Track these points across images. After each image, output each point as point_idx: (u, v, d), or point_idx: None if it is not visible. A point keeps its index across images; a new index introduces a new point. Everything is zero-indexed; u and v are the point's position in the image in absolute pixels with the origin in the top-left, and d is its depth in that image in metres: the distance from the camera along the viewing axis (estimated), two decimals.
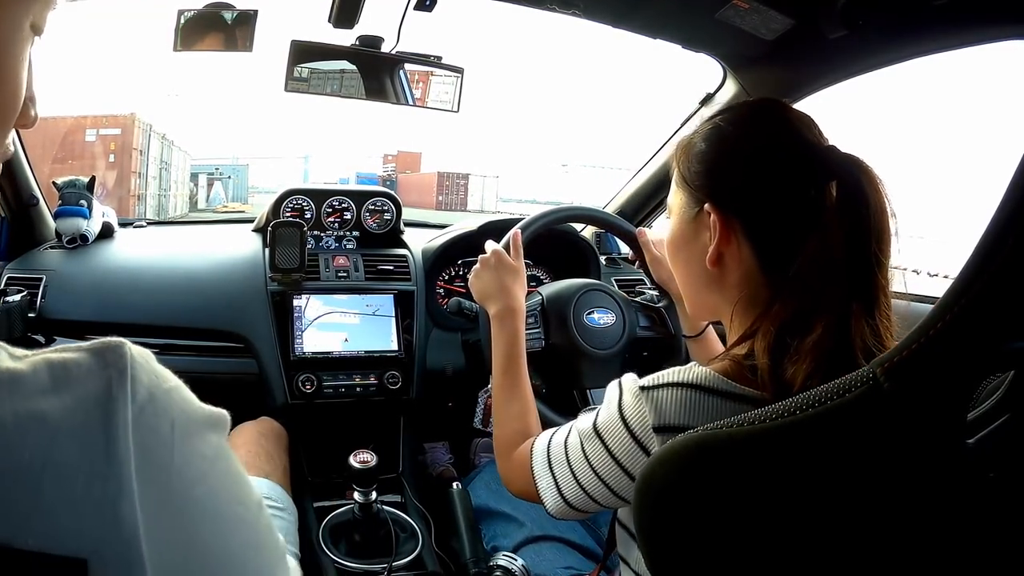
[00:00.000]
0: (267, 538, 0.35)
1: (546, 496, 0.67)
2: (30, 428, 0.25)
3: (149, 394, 0.29)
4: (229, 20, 1.05)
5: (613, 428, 0.59)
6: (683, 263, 0.66)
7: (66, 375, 0.27)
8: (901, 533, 0.38)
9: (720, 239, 0.59)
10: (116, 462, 0.26)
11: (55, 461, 0.25)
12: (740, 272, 0.60)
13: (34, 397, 0.26)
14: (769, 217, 0.57)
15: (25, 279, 1.18)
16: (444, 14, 1.04)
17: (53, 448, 0.26)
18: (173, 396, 0.30)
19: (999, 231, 0.31)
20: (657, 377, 0.57)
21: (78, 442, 0.26)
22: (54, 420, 0.26)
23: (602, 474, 0.61)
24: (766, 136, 0.59)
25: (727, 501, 0.42)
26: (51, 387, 0.27)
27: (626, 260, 1.57)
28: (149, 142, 11.93)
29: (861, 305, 0.53)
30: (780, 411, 0.39)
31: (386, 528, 1.02)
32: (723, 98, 1.24)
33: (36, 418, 0.26)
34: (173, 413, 0.30)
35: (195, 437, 0.31)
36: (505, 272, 0.90)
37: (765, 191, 0.57)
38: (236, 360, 1.22)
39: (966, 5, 0.79)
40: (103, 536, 0.26)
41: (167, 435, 0.29)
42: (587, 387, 1.05)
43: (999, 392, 0.40)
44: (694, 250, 0.63)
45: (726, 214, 0.59)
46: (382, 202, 1.42)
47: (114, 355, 0.29)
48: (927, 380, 0.34)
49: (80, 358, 0.28)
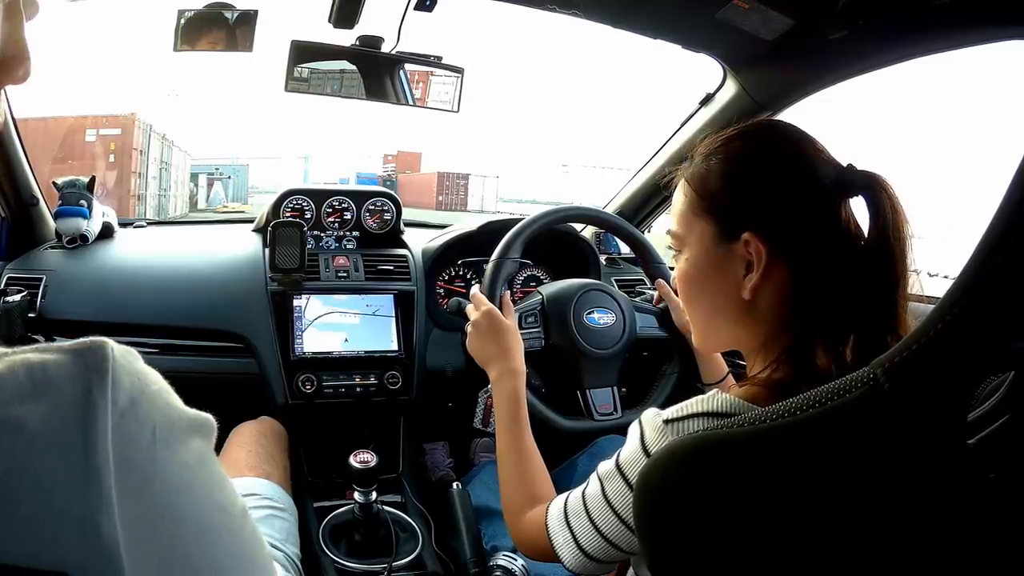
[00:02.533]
0: (253, 546, 0.34)
1: (563, 552, 0.64)
2: (6, 436, 0.24)
3: (130, 399, 0.28)
4: (229, 20, 1.04)
5: (637, 464, 0.58)
6: (708, 296, 0.62)
7: (45, 378, 0.26)
8: (902, 533, 0.37)
9: (765, 269, 0.56)
10: (95, 473, 0.25)
11: (33, 472, 0.25)
12: (775, 301, 0.57)
13: (12, 403, 0.25)
14: (808, 243, 0.55)
15: (25, 279, 1.18)
16: (444, 14, 1.04)
17: (31, 458, 0.25)
18: (156, 400, 0.29)
19: (999, 231, 0.31)
20: (680, 409, 0.56)
21: (56, 452, 0.25)
22: (32, 428, 0.25)
23: (624, 515, 0.59)
24: (794, 160, 0.57)
25: (727, 501, 0.42)
26: (30, 391, 0.26)
27: (626, 260, 1.57)
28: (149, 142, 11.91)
29: (884, 325, 0.52)
30: (780, 411, 0.39)
31: (386, 528, 1.02)
32: (723, 98, 1.24)
33: (13, 425, 0.25)
34: (155, 419, 0.29)
35: (177, 444, 0.29)
36: (500, 333, 0.90)
37: (804, 217, 0.55)
38: (236, 360, 1.22)
39: (966, 5, 0.79)
40: (83, 550, 0.25)
41: (148, 443, 0.28)
42: (587, 387, 1.05)
43: (999, 392, 0.40)
44: (723, 283, 0.59)
45: (770, 243, 0.56)
46: (382, 202, 1.42)
47: (95, 356, 0.28)
48: (927, 380, 0.34)
49: (60, 359, 0.27)
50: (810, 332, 0.55)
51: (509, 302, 0.98)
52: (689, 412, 0.55)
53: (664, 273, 1.13)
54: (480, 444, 1.44)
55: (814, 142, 0.58)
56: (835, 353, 0.54)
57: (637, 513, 0.47)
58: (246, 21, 1.05)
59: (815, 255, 0.55)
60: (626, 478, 0.59)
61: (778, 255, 0.56)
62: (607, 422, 1.04)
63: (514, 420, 0.83)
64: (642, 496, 0.47)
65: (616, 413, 1.05)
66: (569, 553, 0.64)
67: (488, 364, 0.89)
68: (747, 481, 0.41)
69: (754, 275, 0.56)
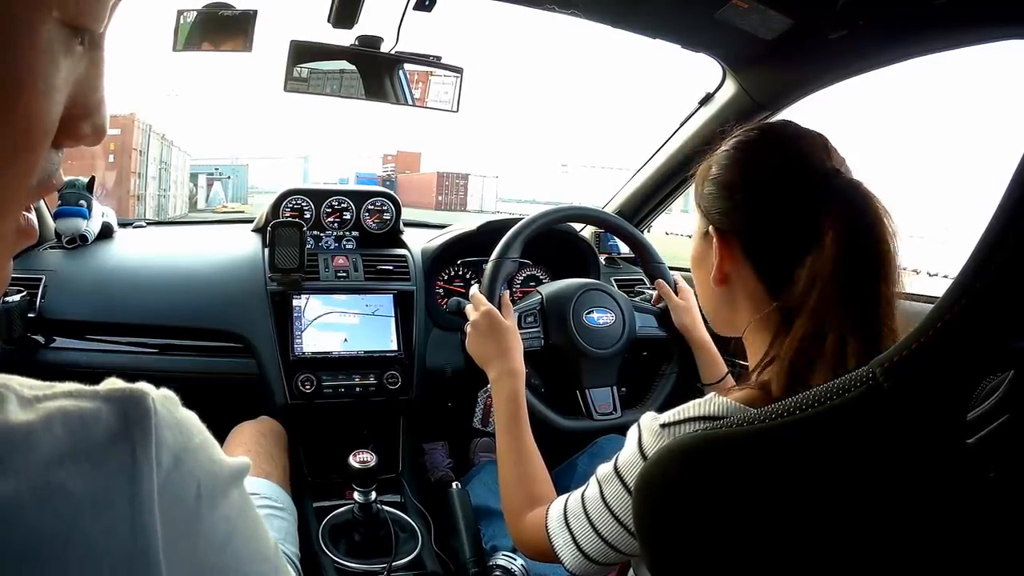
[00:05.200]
0: None
1: (563, 553, 0.65)
2: (50, 503, 0.23)
3: (175, 458, 0.27)
4: (229, 20, 1.04)
5: (635, 468, 0.59)
6: (700, 282, 0.68)
7: (85, 434, 0.25)
8: (901, 533, 0.37)
9: (720, 258, 0.62)
10: (143, 537, 0.25)
11: (78, 540, 0.23)
12: (746, 292, 0.62)
13: (52, 465, 0.24)
14: (767, 238, 0.59)
15: (25, 279, 1.18)
16: (443, 14, 1.04)
17: (76, 525, 0.23)
18: (199, 456, 0.29)
19: (999, 231, 0.31)
20: (677, 413, 0.57)
21: (103, 520, 0.24)
22: (75, 493, 0.24)
23: (622, 518, 0.60)
24: (770, 160, 0.60)
25: (726, 501, 0.42)
26: (69, 451, 0.24)
27: (626, 260, 1.57)
28: (149, 142, 11.90)
29: (864, 333, 0.52)
30: (779, 411, 0.39)
31: (386, 528, 1.02)
32: (723, 98, 1.24)
33: (56, 491, 0.23)
34: (199, 476, 0.28)
35: (220, 499, 0.29)
36: (499, 334, 0.90)
37: (763, 213, 0.59)
38: (236, 360, 1.22)
39: (966, 5, 0.79)
40: None
41: (193, 502, 0.27)
42: (586, 387, 1.05)
43: (999, 392, 0.40)
44: (705, 268, 0.65)
45: (724, 234, 0.61)
46: (381, 202, 1.42)
47: (136, 411, 0.26)
48: (927, 380, 0.34)
49: (98, 411, 0.26)
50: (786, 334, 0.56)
51: (508, 302, 0.98)
52: (686, 416, 0.56)
53: (663, 273, 1.13)
54: (480, 444, 1.44)
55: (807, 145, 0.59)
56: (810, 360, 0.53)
57: (637, 512, 0.47)
58: (246, 21, 1.05)
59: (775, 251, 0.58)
60: (624, 481, 0.60)
61: (732, 245, 0.61)
62: (607, 422, 1.04)
63: (513, 420, 0.83)
64: (642, 496, 0.47)
65: (616, 413, 1.05)
66: (569, 555, 0.65)
67: (487, 365, 0.90)
68: (747, 480, 0.41)
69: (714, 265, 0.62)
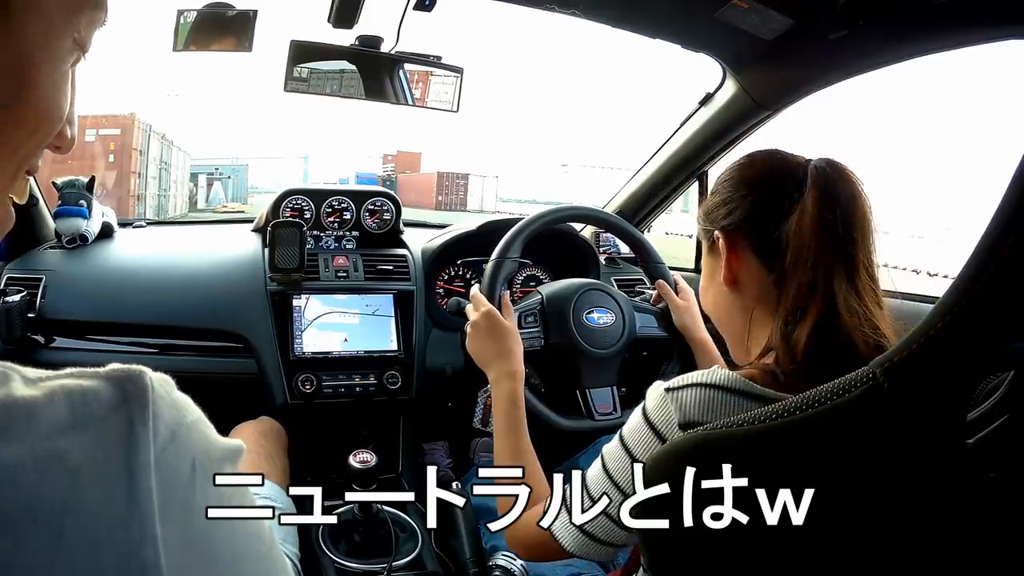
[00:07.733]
0: (279, 567, 0.35)
1: (562, 534, 0.64)
2: (50, 469, 0.24)
3: (171, 431, 0.28)
4: (229, 20, 1.04)
5: (639, 432, 0.60)
6: (712, 296, 0.70)
7: (85, 408, 0.26)
8: (902, 533, 0.38)
9: (728, 258, 0.65)
10: (139, 505, 0.26)
11: (77, 505, 0.25)
12: (756, 286, 0.64)
13: (53, 434, 0.25)
14: (765, 219, 0.62)
15: (25, 279, 1.18)
16: (444, 14, 1.04)
17: (74, 491, 0.25)
18: (194, 433, 0.30)
19: (999, 231, 0.31)
20: (681, 379, 0.60)
21: (100, 484, 0.25)
22: (75, 460, 0.25)
23: (623, 486, 0.60)
24: (761, 164, 0.66)
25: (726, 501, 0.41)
26: (69, 422, 0.26)
27: (626, 260, 1.57)
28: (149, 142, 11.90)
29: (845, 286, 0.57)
30: (780, 411, 0.39)
31: (386, 528, 1.02)
32: (723, 98, 1.24)
33: (56, 458, 0.25)
34: (194, 452, 0.29)
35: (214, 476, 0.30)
36: (499, 335, 0.90)
37: (760, 197, 0.63)
38: (236, 360, 1.22)
39: (966, 5, 0.79)
40: None
41: (188, 475, 0.28)
42: (586, 387, 1.05)
43: (999, 392, 0.40)
44: (717, 279, 0.67)
45: (729, 233, 0.65)
46: (381, 202, 1.42)
47: (134, 387, 0.28)
48: (927, 380, 0.34)
49: (99, 387, 0.27)
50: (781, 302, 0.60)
51: (508, 302, 0.98)
52: (689, 382, 0.58)
53: (664, 273, 1.13)
54: (480, 444, 1.44)
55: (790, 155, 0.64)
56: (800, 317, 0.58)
57: (637, 512, 0.47)
58: (245, 21, 1.05)
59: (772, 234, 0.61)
60: (627, 447, 0.61)
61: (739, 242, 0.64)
62: (607, 422, 1.04)
63: (512, 422, 0.83)
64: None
65: (616, 413, 1.05)
66: (569, 535, 0.64)
67: (487, 366, 0.90)
68: (747, 480, 0.41)
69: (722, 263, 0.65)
